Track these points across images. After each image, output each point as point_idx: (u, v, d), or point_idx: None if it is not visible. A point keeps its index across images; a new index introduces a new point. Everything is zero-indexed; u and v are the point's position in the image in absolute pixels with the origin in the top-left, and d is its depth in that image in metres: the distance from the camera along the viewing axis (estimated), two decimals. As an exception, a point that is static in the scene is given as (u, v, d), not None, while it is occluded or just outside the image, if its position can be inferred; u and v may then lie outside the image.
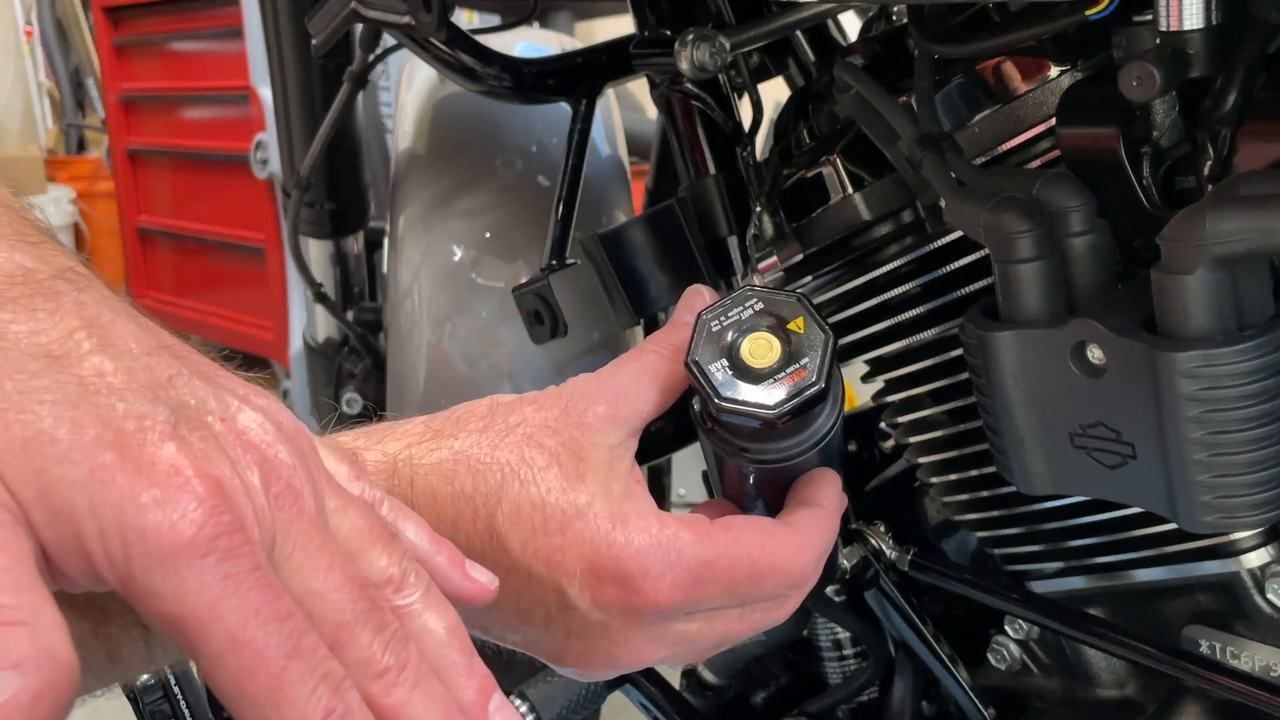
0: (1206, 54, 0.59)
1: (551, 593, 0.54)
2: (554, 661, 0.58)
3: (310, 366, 1.73)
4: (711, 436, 0.58)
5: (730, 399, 0.54)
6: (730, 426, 0.56)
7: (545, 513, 0.54)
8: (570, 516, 0.54)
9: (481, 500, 0.54)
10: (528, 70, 0.93)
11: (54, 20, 5.35)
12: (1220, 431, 0.57)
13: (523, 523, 0.54)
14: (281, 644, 0.35)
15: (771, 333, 0.55)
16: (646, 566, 0.53)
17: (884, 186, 0.77)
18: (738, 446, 0.57)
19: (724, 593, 0.55)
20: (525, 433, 0.55)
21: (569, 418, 0.56)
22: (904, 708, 0.86)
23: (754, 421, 0.54)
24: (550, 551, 0.54)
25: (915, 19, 0.73)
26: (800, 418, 0.54)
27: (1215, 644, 0.71)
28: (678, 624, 0.56)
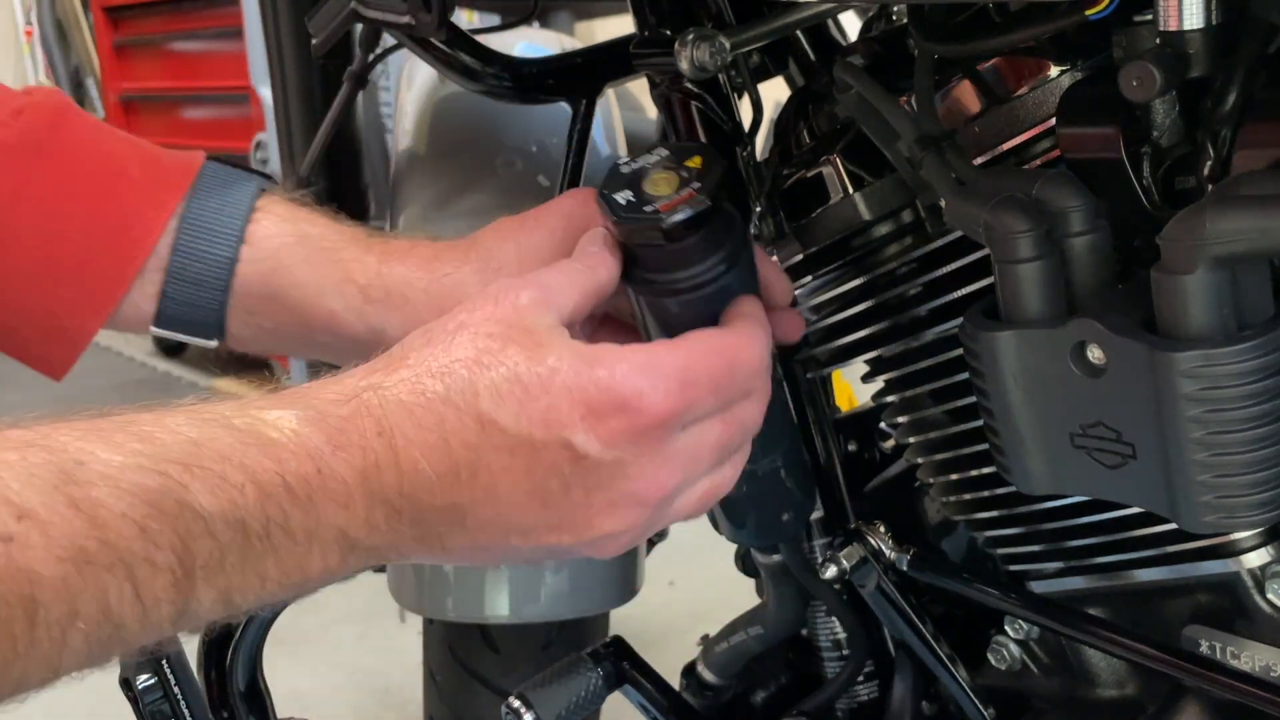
0: (1206, 54, 0.59)
1: (560, 452, 0.56)
2: (585, 538, 0.59)
3: (310, 366, 1.73)
4: (636, 284, 0.63)
5: (629, 215, 0.60)
6: (645, 260, 0.62)
7: (524, 382, 0.56)
8: (548, 376, 0.56)
9: (459, 396, 0.56)
10: (527, 70, 0.93)
11: (54, 20, 5.35)
12: (1220, 431, 0.57)
13: (507, 399, 0.56)
14: None
15: (672, 169, 0.62)
16: (639, 386, 0.56)
17: (884, 186, 0.77)
18: (657, 282, 0.62)
19: (709, 391, 0.59)
20: (470, 331, 0.57)
21: (503, 308, 0.58)
22: (904, 708, 0.87)
23: (655, 236, 0.60)
24: (545, 412, 0.56)
25: (915, 19, 0.73)
26: (698, 236, 0.60)
27: (1215, 644, 0.71)
28: (680, 437, 0.58)
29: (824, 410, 0.89)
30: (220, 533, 0.50)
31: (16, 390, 5.04)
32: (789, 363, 0.87)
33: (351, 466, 0.53)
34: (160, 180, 0.73)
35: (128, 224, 0.72)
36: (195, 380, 4.63)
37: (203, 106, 4.32)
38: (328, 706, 2.13)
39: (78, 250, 0.72)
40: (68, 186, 0.72)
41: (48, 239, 0.71)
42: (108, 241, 0.72)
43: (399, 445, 0.54)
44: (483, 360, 0.56)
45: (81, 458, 0.47)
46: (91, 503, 0.47)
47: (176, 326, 0.74)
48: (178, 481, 0.49)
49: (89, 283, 0.72)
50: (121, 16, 4.71)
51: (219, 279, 0.73)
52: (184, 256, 0.72)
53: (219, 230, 0.73)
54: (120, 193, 0.72)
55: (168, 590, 0.49)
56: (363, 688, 2.21)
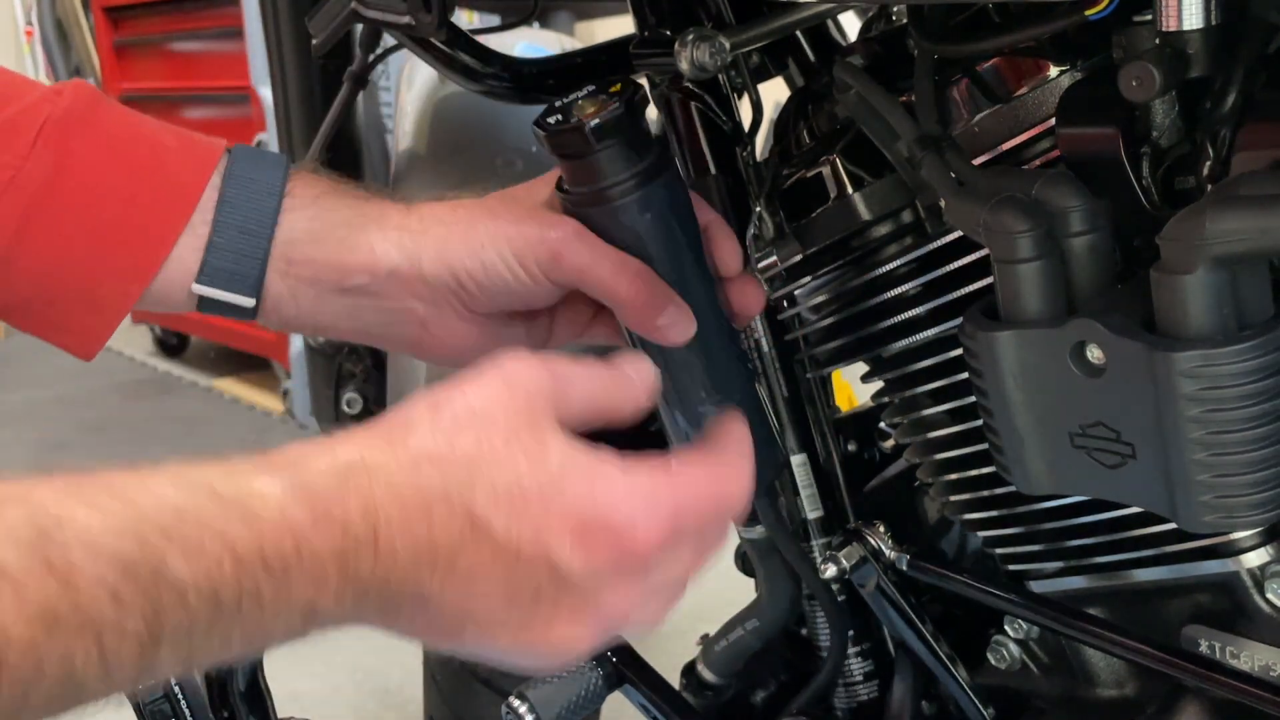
0: (1206, 54, 0.59)
1: (542, 566, 0.56)
2: (538, 644, 0.58)
3: (311, 366, 1.73)
4: (569, 202, 0.70)
5: (556, 126, 0.68)
6: (573, 174, 0.70)
7: (523, 489, 0.55)
8: (548, 486, 0.55)
9: (454, 493, 0.55)
10: (528, 70, 0.93)
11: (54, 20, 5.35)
12: (1219, 431, 0.57)
13: (502, 505, 0.55)
14: None
15: (597, 96, 0.69)
16: (633, 516, 0.56)
17: (883, 187, 0.77)
18: (584, 194, 0.69)
19: (694, 532, 0.59)
20: (476, 420, 0.57)
21: (517, 398, 0.58)
22: (904, 707, 0.87)
23: (577, 141, 0.67)
24: (536, 526, 0.55)
25: (915, 19, 0.73)
26: (615, 143, 0.67)
27: (1215, 643, 0.71)
28: (656, 569, 0.58)
29: (824, 410, 0.90)
30: (193, 603, 0.49)
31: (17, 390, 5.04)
32: (789, 363, 0.87)
33: (330, 546, 0.52)
34: (196, 149, 0.76)
35: (170, 186, 0.74)
36: (195, 380, 4.63)
37: (203, 106, 4.32)
38: (328, 706, 2.13)
39: (122, 215, 0.73)
40: (109, 157, 0.74)
41: (91, 208, 0.73)
42: (151, 203, 0.73)
43: (381, 529, 0.53)
44: (485, 459, 0.55)
45: (62, 518, 0.47)
46: (67, 565, 0.46)
47: (219, 280, 0.74)
48: (155, 549, 0.48)
49: (133, 244, 0.73)
50: (122, 17, 4.71)
51: (265, 226, 0.74)
52: (230, 206, 0.74)
53: (261, 183, 0.75)
54: (160, 160, 0.74)
55: (132, 654, 0.48)
56: (363, 688, 2.21)
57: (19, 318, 0.76)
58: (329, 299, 0.76)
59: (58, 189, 0.72)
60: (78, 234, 0.73)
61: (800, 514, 0.88)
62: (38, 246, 0.72)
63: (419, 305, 0.75)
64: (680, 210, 0.71)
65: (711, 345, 0.73)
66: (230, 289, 0.74)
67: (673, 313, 0.70)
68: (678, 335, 0.70)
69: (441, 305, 0.75)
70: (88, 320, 0.75)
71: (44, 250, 0.72)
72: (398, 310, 0.75)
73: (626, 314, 0.71)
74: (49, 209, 0.72)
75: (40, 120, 0.72)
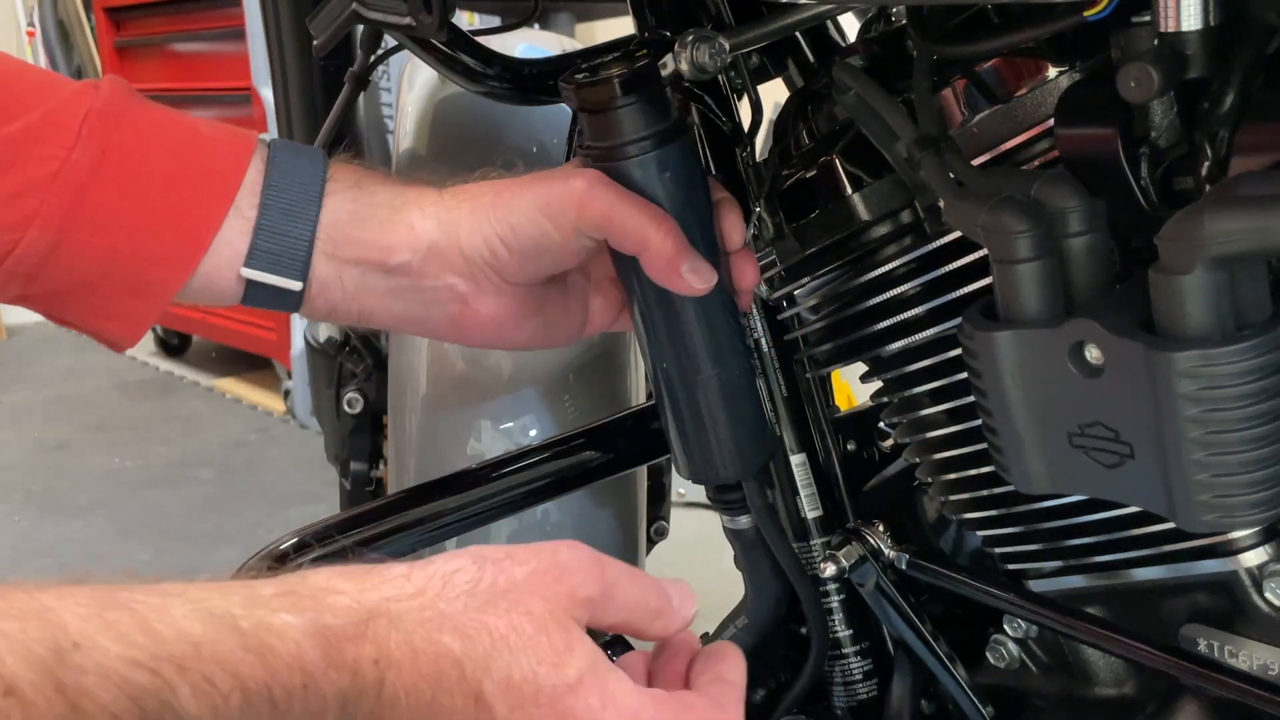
0: (1204, 55, 0.59)
1: None
2: None
3: (312, 366, 1.73)
4: (588, 156, 0.73)
5: (584, 79, 0.72)
6: (594, 127, 0.73)
7: (537, 686, 0.56)
8: (561, 692, 0.56)
9: (470, 665, 0.55)
10: (528, 71, 0.93)
11: (56, 21, 5.35)
12: (1218, 431, 0.57)
13: (512, 693, 0.55)
14: None
15: (624, 59, 0.73)
16: None
17: (883, 187, 0.77)
18: (603, 148, 0.72)
19: None
20: (514, 597, 0.57)
21: (560, 589, 0.58)
22: (903, 706, 0.87)
23: (601, 94, 0.71)
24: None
25: (914, 20, 0.73)
26: (636, 101, 0.71)
27: (1213, 643, 0.71)
28: None
29: (823, 410, 0.90)
30: None
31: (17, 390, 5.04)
32: (788, 362, 0.87)
33: (337, 688, 0.53)
34: (233, 138, 0.77)
35: (210, 172, 0.75)
36: (196, 380, 4.63)
37: (204, 107, 4.32)
38: None
39: (166, 202, 0.74)
40: (151, 146, 0.75)
41: (136, 195, 0.74)
42: (193, 189, 0.75)
43: (388, 678, 0.54)
44: (509, 641, 0.56)
45: (80, 641, 0.48)
46: (79, 690, 0.47)
47: (267, 264, 0.75)
48: (167, 682, 0.49)
49: (178, 230, 0.74)
50: (123, 17, 4.72)
51: (310, 209, 0.76)
52: (275, 191, 0.75)
53: (303, 169, 0.77)
54: (199, 148, 0.76)
55: None
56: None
57: (63, 307, 0.77)
58: (373, 280, 0.77)
59: (103, 178, 0.73)
60: (123, 221, 0.74)
61: (800, 513, 0.88)
62: (85, 235, 0.73)
63: (459, 281, 0.77)
64: (694, 176, 0.74)
65: (716, 318, 0.75)
66: (278, 272, 0.76)
67: (694, 262, 0.72)
68: (700, 283, 0.72)
69: (479, 279, 0.77)
70: (133, 307, 0.76)
71: (91, 238, 0.73)
72: (438, 288, 0.77)
73: (651, 260, 0.72)
74: (95, 197, 0.73)
75: (83, 112, 0.73)
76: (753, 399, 0.79)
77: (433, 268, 0.76)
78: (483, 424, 1.19)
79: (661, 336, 0.76)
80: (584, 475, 0.97)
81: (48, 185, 0.72)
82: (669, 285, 0.73)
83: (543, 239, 0.74)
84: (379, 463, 1.58)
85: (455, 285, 0.77)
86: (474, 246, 0.75)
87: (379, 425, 1.56)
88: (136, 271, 0.75)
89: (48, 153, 0.72)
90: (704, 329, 0.75)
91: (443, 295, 0.77)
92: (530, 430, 1.18)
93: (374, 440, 1.57)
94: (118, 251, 0.74)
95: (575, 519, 1.16)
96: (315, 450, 2.03)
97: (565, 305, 0.81)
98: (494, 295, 0.77)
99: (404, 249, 0.76)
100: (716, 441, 0.78)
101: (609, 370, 1.20)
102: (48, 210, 0.72)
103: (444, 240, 0.76)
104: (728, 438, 0.78)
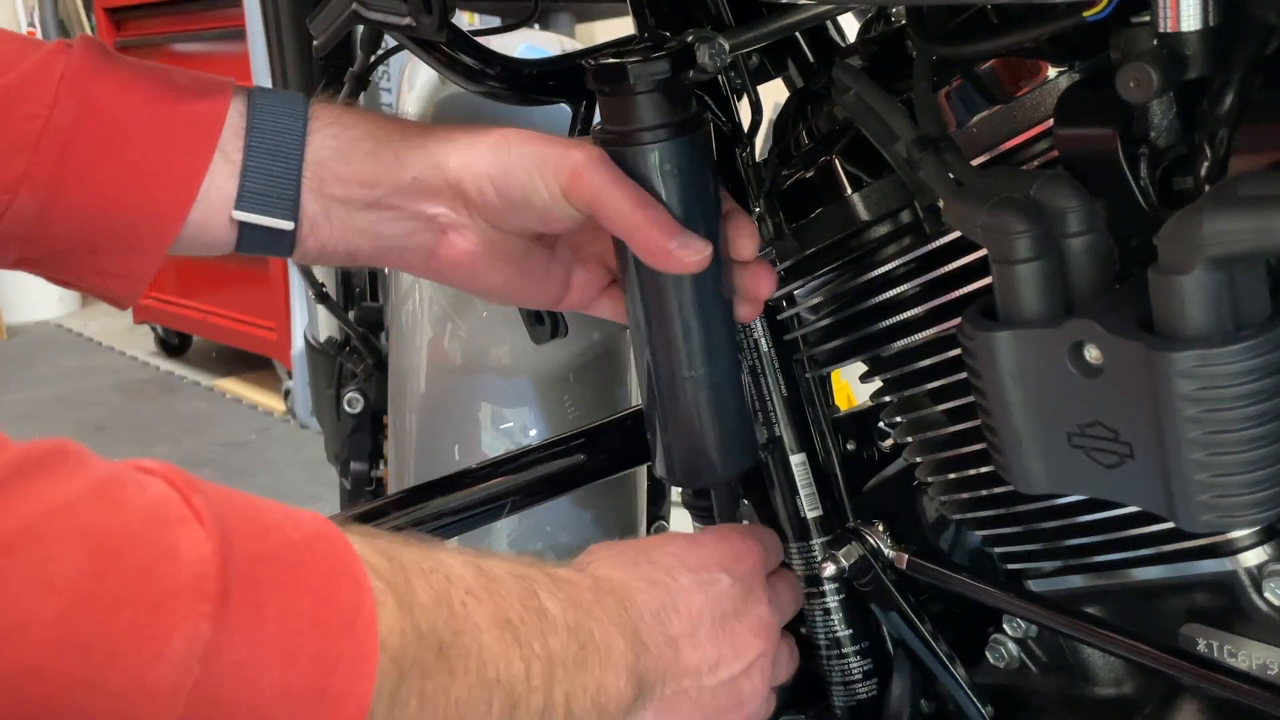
0: (1204, 55, 0.59)
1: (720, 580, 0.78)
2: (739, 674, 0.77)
3: (312, 366, 1.73)
4: (604, 141, 0.74)
5: (607, 62, 0.72)
6: (610, 110, 0.74)
7: None
8: None
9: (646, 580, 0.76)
10: (528, 71, 0.93)
11: (56, 21, 5.36)
12: (1217, 431, 0.57)
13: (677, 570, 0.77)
14: None
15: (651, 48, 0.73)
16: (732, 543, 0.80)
17: (882, 187, 0.77)
18: (619, 132, 0.73)
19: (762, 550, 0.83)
20: None
21: None
22: (902, 706, 0.87)
23: (618, 74, 0.71)
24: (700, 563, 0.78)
25: (914, 20, 0.73)
26: (655, 88, 0.71)
27: (1213, 643, 0.72)
28: None
29: (823, 409, 0.90)
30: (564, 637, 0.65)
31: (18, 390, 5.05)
32: (788, 362, 0.87)
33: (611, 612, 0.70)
34: (208, 85, 0.77)
35: (191, 120, 0.75)
36: (197, 379, 4.64)
37: (204, 107, 4.32)
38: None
39: (150, 152, 0.74)
40: (129, 98, 0.75)
41: (121, 149, 0.74)
42: (177, 138, 0.75)
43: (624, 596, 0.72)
44: None
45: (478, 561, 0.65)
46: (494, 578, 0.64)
47: (257, 205, 0.76)
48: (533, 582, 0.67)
49: (166, 179, 0.75)
50: (123, 18, 4.72)
51: (294, 148, 0.76)
52: (259, 133, 0.76)
53: (285, 109, 0.77)
54: (177, 96, 0.76)
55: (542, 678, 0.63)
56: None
57: (59, 268, 0.77)
58: (358, 216, 0.78)
59: (86, 134, 0.73)
60: (111, 176, 0.74)
61: (800, 513, 0.88)
62: (74, 192, 0.73)
63: (441, 210, 0.77)
64: (701, 175, 0.74)
65: (710, 316, 0.75)
66: (269, 213, 0.76)
67: (684, 238, 0.72)
68: (690, 257, 0.72)
69: (461, 212, 0.77)
70: (129, 262, 0.76)
71: (81, 195, 0.73)
72: (419, 218, 0.77)
73: (636, 240, 0.73)
74: (80, 154, 0.73)
75: (59, 71, 0.73)
76: (737, 405, 0.79)
77: (416, 197, 0.76)
78: (482, 424, 1.19)
79: (650, 328, 0.76)
80: (584, 475, 0.97)
81: (33, 145, 0.72)
82: (660, 265, 0.73)
83: (531, 193, 0.74)
84: (379, 463, 1.58)
85: (436, 216, 0.77)
86: (461, 179, 0.75)
87: (379, 425, 1.56)
88: (128, 227, 0.75)
89: (30, 112, 0.72)
90: (695, 326, 0.75)
91: (424, 225, 0.77)
92: (530, 430, 1.18)
93: (374, 440, 1.57)
94: (108, 207, 0.74)
95: (575, 519, 1.17)
96: (315, 450, 2.03)
97: (547, 267, 0.81)
98: (473, 233, 0.77)
99: (387, 181, 0.76)
100: (693, 443, 0.78)
101: (608, 371, 1.21)
102: (35, 170, 0.72)
103: (430, 171, 0.76)
104: (706, 441, 0.78)
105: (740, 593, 0.77)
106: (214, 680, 0.48)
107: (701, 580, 0.75)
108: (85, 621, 0.45)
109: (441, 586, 0.60)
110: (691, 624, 0.74)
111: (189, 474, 0.53)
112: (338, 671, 0.51)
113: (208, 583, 0.48)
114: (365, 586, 0.54)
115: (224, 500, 0.52)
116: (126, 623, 0.46)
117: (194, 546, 0.49)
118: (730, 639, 0.75)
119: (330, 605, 0.53)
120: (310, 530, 0.55)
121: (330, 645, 0.52)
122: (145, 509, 0.49)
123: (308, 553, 0.54)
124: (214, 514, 0.50)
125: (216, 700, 0.48)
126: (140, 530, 0.48)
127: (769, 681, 0.78)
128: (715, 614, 0.75)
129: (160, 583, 0.47)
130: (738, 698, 0.76)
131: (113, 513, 0.49)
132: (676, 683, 0.73)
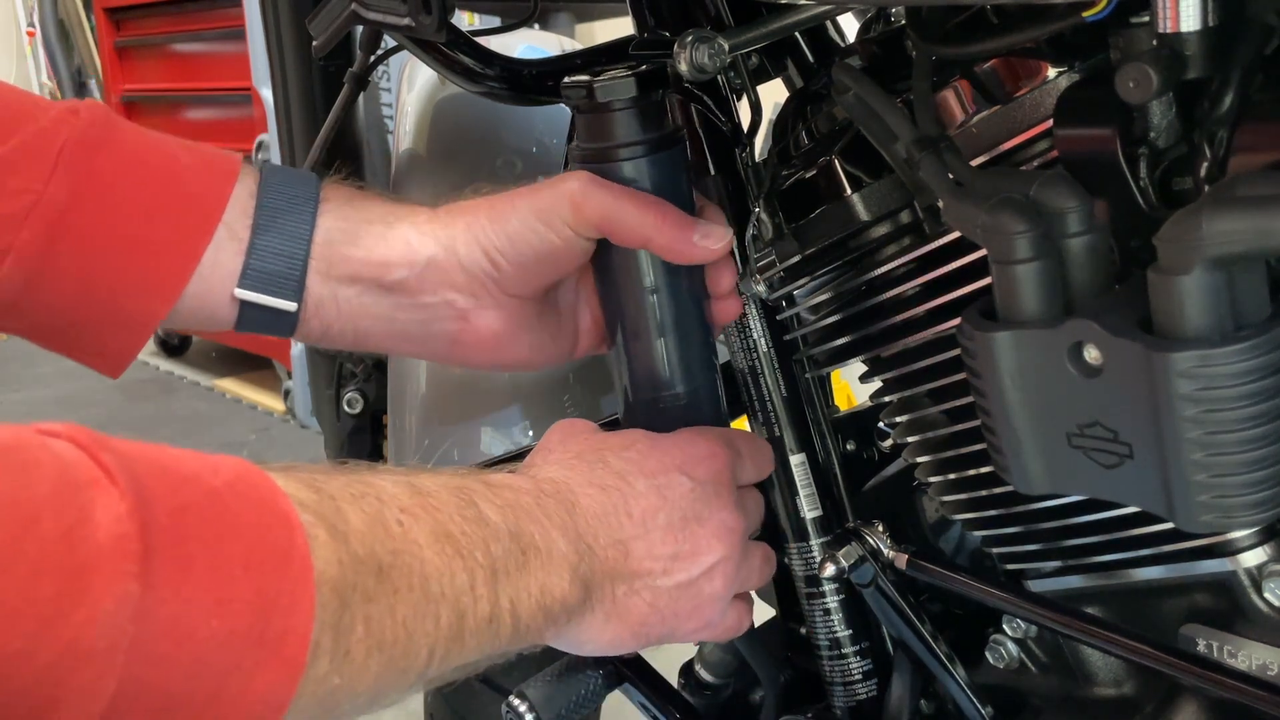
0: (1203, 55, 0.59)
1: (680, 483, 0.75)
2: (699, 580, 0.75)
3: (311, 366, 1.73)
4: (579, 158, 0.75)
5: (577, 82, 0.74)
6: (587, 128, 0.75)
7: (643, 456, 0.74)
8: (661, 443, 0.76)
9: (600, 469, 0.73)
10: (528, 71, 0.93)
11: (56, 21, 5.35)
12: (1217, 431, 0.57)
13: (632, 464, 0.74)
14: None
15: (626, 69, 0.74)
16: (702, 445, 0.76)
17: (882, 187, 0.77)
18: (594, 149, 0.74)
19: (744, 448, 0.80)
20: None
21: None
22: (902, 706, 0.87)
23: (589, 93, 0.73)
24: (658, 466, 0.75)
25: (913, 20, 0.73)
26: (626, 108, 0.73)
27: (1212, 643, 0.72)
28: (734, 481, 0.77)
29: (822, 410, 0.90)
30: (505, 542, 0.64)
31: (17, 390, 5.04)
32: (787, 362, 0.87)
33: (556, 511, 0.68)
34: (214, 164, 0.77)
35: (190, 202, 0.75)
36: (197, 380, 4.63)
37: (204, 107, 4.33)
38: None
39: (144, 233, 0.74)
40: (128, 176, 0.74)
41: (114, 228, 0.73)
42: (173, 220, 0.74)
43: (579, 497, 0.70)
44: None
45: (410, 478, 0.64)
46: (428, 491, 0.63)
47: (261, 284, 0.75)
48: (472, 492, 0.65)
49: (158, 261, 0.74)
50: (123, 18, 4.72)
51: (303, 228, 0.75)
52: (268, 212, 0.75)
53: (295, 190, 0.76)
54: (179, 177, 0.75)
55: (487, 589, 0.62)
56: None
57: (46, 339, 0.76)
58: (369, 299, 0.77)
59: (80, 210, 0.72)
60: (102, 254, 0.73)
61: (799, 513, 0.88)
62: (63, 269, 0.72)
63: (458, 296, 0.76)
64: (680, 195, 0.75)
65: (690, 336, 0.77)
66: (272, 292, 0.75)
67: (704, 227, 0.74)
68: (715, 244, 0.74)
69: (479, 292, 0.76)
70: (116, 339, 0.76)
71: (70, 272, 0.72)
72: (437, 305, 0.77)
73: (658, 242, 0.73)
74: (73, 231, 0.72)
75: (59, 143, 0.72)
76: (713, 412, 0.80)
77: (431, 283, 0.76)
78: (483, 424, 1.19)
79: (631, 347, 0.77)
80: (583, 475, 0.97)
81: (23, 219, 0.71)
82: (687, 259, 0.74)
83: (541, 245, 0.74)
84: (379, 463, 1.58)
85: (454, 301, 0.77)
86: (473, 259, 0.75)
87: (379, 425, 1.56)
88: (116, 306, 0.74)
89: (21, 185, 0.71)
90: (677, 348, 0.77)
91: (441, 312, 0.77)
92: (530, 430, 1.18)
93: (374, 440, 1.57)
94: (96, 287, 0.73)
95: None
96: (315, 450, 2.03)
97: (558, 324, 0.81)
98: (494, 309, 0.77)
99: (401, 265, 0.76)
100: None
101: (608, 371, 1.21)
102: (21, 245, 0.71)
103: (442, 254, 0.76)
104: None
105: (701, 495, 0.73)
106: (150, 637, 0.47)
107: (658, 484, 0.72)
108: (7, 593, 0.44)
109: (374, 509, 0.58)
110: (643, 526, 0.71)
111: (96, 432, 0.50)
112: (275, 611, 0.51)
113: (128, 541, 0.47)
114: (294, 522, 0.53)
115: (136, 455, 0.50)
116: (51, 590, 0.45)
117: (109, 507, 0.47)
118: (689, 541, 0.72)
119: (260, 546, 0.51)
120: (230, 474, 0.53)
121: (265, 586, 0.50)
122: (53, 474, 0.47)
123: (231, 497, 0.52)
124: (127, 470, 0.48)
125: (155, 657, 0.47)
126: (50, 496, 0.47)
127: (733, 587, 0.75)
128: (672, 517, 0.72)
129: (79, 547, 0.46)
130: (696, 601, 0.73)
131: (19, 481, 0.46)
132: (628, 584, 0.70)
